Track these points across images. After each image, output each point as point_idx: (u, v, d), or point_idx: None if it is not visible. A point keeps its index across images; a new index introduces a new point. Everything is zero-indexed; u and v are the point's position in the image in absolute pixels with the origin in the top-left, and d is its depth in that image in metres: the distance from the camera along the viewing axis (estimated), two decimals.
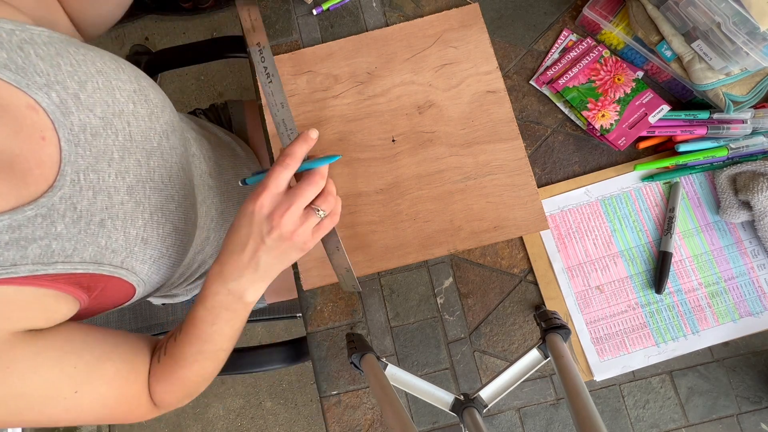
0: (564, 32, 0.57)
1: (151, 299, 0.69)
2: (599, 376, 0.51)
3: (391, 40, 0.57)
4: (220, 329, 0.43)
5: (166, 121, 0.47)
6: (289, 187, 0.41)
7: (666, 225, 0.53)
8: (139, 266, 0.42)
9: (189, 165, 0.51)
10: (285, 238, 0.40)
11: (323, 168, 0.42)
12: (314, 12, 0.60)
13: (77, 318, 0.41)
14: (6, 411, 0.34)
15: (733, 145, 0.52)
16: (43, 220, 0.34)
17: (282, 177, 0.40)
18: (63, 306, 0.37)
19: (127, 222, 0.40)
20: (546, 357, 0.41)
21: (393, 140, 0.55)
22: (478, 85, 0.55)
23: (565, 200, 0.54)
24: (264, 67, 0.51)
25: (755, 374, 0.51)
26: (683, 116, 0.53)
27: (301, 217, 0.40)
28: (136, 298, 0.45)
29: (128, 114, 0.42)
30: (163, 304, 0.78)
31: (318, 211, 0.41)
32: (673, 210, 0.53)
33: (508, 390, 0.41)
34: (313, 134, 0.42)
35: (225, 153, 0.66)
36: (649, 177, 0.54)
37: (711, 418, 0.51)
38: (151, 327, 0.87)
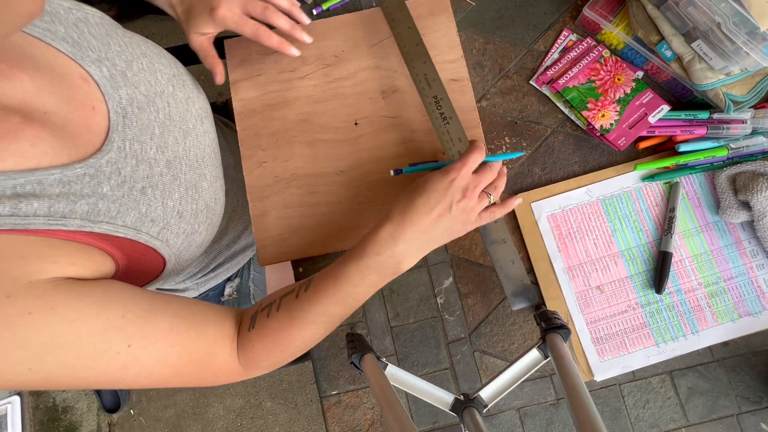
0: (564, 32, 0.57)
1: None
2: (599, 376, 0.51)
3: (360, 25, 0.58)
4: (358, 292, 0.43)
5: (200, 107, 0.51)
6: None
7: (666, 225, 0.53)
8: (173, 239, 0.43)
9: (218, 151, 0.53)
10: (467, 211, 0.43)
11: (499, 162, 0.47)
12: (314, 11, 0.60)
13: None
14: (58, 363, 0.32)
15: (733, 145, 0.52)
16: (90, 179, 0.36)
17: (478, 159, 0.44)
18: (104, 265, 0.37)
19: (165, 193, 0.42)
20: (546, 357, 0.41)
21: (356, 123, 0.56)
22: (443, 73, 0.55)
23: (566, 200, 0.54)
24: (441, 113, 0.51)
25: (755, 374, 0.51)
26: (683, 116, 0.53)
27: (479, 197, 0.44)
28: (164, 275, 0.46)
29: (168, 95, 0.46)
30: None
31: (489, 195, 0.45)
32: (673, 210, 0.53)
33: (508, 390, 0.41)
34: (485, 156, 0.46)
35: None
36: (650, 177, 0.54)
37: (711, 418, 0.51)
38: None
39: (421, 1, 0.58)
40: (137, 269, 0.42)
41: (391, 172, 0.49)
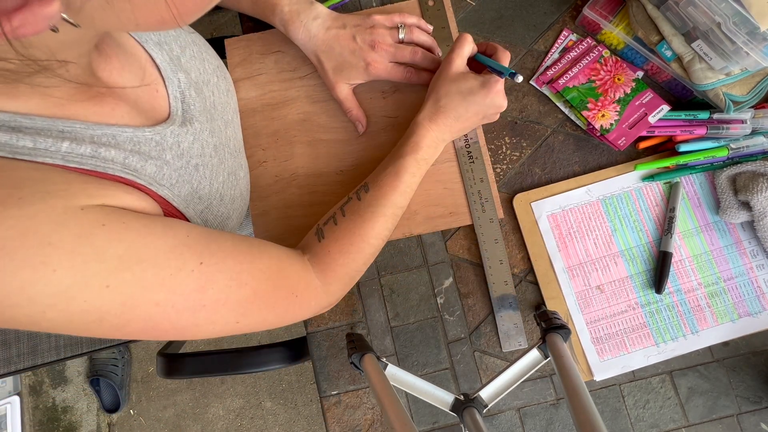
0: (564, 32, 0.57)
1: None
2: (599, 376, 0.51)
3: None
4: (415, 182, 0.49)
5: (236, 101, 0.54)
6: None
7: (666, 225, 0.53)
8: (212, 220, 0.45)
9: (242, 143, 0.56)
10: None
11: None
12: None
13: None
14: (136, 280, 0.30)
15: (733, 145, 0.52)
16: (156, 144, 0.38)
17: (465, 47, 0.50)
18: None
19: (213, 174, 0.44)
20: (546, 357, 0.41)
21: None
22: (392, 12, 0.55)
23: (566, 199, 0.54)
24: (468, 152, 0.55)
25: (755, 374, 0.51)
26: (683, 116, 0.53)
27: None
28: None
29: (213, 85, 0.48)
30: None
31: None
32: (673, 210, 0.53)
33: (508, 390, 0.41)
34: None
35: None
36: (650, 177, 0.54)
37: (711, 418, 0.51)
38: None
39: (413, 4, 0.58)
40: None
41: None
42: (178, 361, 0.67)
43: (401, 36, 0.52)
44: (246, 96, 0.57)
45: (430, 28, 0.55)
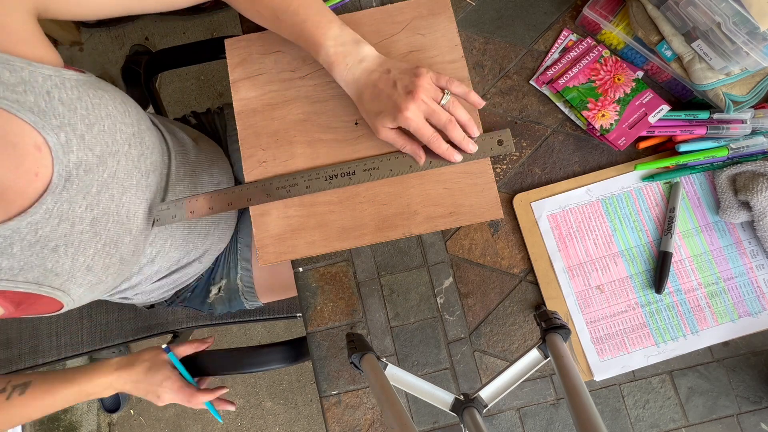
0: (564, 32, 0.57)
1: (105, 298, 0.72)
2: (599, 376, 0.51)
3: (361, 24, 0.58)
4: (62, 405, 0.60)
5: (152, 162, 0.53)
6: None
7: (666, 225, 0.53)
8: (75, 289, 0.46)
9: (158, 199, 0.55)
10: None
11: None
12: None
13: None
14: None
15: (733, 146, 0.52)
16: (3, 240, 0.38)
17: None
18: None
19: (79, 250, 0.44)
20: (546, 357, 0.41)
21: (356, 123, 0.56)
22: (444, 74, 0.55)
23: (566, 199, 0.54)
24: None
25: (755, 374, 0.51)
26: (683, 116, 0.53)
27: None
28: (60, 312, 0.49)
29: (122, 154, 0.48)
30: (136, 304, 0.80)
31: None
32: (673, 210, 0.53)
33: (508, 390, 0.41)
34: None
35: (203, 175, 0.67)
36: (650, 177, 0.54)
37: (711, 418, 0.51)
38: (152, 327, 0.87)
39: (422, 1, 0.58)
40: (29, 311, 0.44)
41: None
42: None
43: (443, 102, 0.48)
44: (246, 96, 0.57)
45: (482, 103, 0.51)
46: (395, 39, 0.57)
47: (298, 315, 0.87)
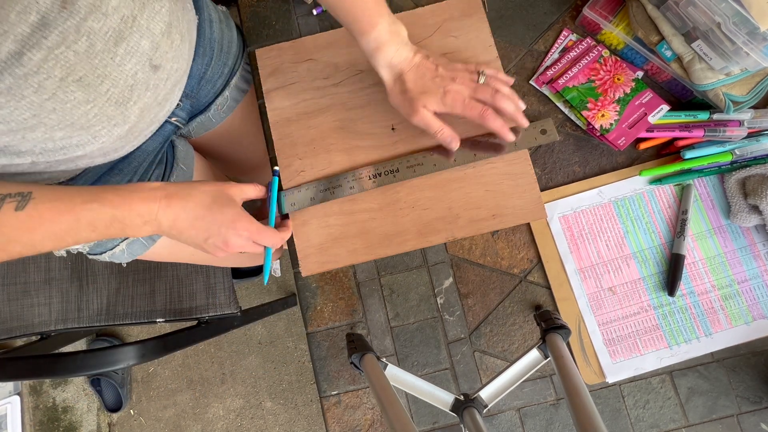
0: (564, 32, 0.57)
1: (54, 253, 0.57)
2: (611, 378, 0.51)
3: None
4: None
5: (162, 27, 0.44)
6: None
7: (679, 227, 0.53)
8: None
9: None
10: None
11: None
12: (314, 12, 0.60)
13: None
14: None
15: (738, 152, 0.52)
16: None
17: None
18: None
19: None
20: (546, 357, 0.41)
21: (393, 128, 0.55)
22: None
23: (578, 201, 0.54)
24: None
25: (755, 374, 0.51)
26: (683, 116, 0.53)
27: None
28: None
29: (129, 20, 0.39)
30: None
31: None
32: (685, 212, 0.52)
33: (508, 390, 0.41)
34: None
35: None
36: (657, 180, 0.54)
37: (711, 418, 0.51)
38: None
39: (453, 3, 0.57)
40: None
41: None
42: None
43: (481, 81, 0.50)
44: (280, 105, 0.57)
45: (511, 80, 0.52)
46: (428, 42, 0.57)
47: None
